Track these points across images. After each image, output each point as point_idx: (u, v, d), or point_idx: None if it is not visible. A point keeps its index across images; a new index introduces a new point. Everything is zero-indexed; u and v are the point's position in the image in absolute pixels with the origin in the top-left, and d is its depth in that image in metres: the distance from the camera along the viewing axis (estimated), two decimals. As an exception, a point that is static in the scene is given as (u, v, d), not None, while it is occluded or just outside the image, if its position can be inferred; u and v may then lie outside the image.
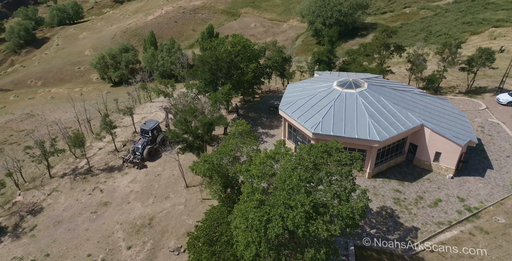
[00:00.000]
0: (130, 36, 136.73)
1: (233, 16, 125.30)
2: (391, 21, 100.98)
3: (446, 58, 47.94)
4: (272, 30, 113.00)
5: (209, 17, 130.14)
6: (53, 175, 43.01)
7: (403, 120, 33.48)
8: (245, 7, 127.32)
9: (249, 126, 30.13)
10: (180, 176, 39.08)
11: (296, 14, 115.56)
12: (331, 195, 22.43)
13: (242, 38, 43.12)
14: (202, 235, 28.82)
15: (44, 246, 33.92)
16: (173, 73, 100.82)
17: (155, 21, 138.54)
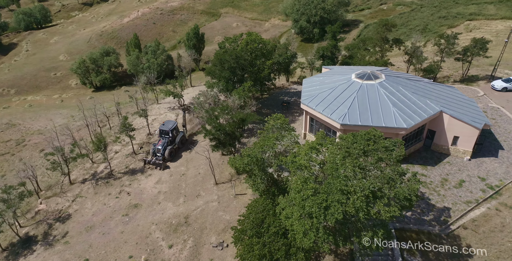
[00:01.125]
0: (107, 39, 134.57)
1: (213, 16, 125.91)
2: (370, 18, 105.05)
3: (444, 49, 51.09)
4: (255, 29, 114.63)
5: (188, 18, 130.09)
6: (73, 181, 42.64)
7: (424, 107, 35.90)
8: (225, 7, 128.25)
9: (287, 120, 31.52)
10: (207, 174, 39.91)
11: (277, 13, 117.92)
12: (386, 179, 24.16)
13: (258, 36, 44.44)
14: (248, 228, 29.90)
15: (80, 251, 33.97)
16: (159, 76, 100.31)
17: (132, 23, 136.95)
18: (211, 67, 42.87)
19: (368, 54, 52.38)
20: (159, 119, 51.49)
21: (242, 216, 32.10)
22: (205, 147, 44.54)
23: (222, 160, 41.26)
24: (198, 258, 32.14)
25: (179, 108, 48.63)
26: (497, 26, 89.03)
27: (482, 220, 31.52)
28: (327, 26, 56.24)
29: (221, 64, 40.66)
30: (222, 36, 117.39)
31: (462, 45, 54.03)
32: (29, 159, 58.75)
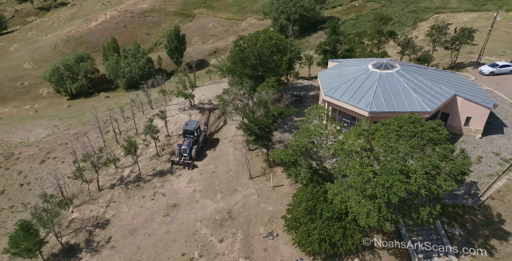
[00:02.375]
0: (76, 45, 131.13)
1: (187, 18, 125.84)
2: (345, 14, 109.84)
3: (436, 38, 55.41)
4: (232, 29, 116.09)
5: (161, 20, 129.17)
6: (101, 187, 42.57)
7: (440, 92, 39.40)
8: (198, 7, 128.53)
9: (329, 109, 33.69)
10: (238, 170, 41.34)
11: (252, 12, 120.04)
12: (441, 156, 26.98)
13: (275, 33, 46.25)
14: (300, 215, 31.87)
15: (130, 254, 34.48)
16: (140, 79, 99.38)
17: (102, 27, 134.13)
18: (231, 66, 44.16)
19: (368, 47, 55.70)
20: (173, 121, 52.03)
21: (290, 205, 34.03)
22: (228, 144, 45.90)
23: (250, 155, 42.80)
24: (251, 249, 33.65)
25: (207, 109, 49.62)
26: (462, 18, 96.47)
27: (506, 190, 35.35)
28: (328, 23, 58.67)
29: (243, 62, 42.13)
30: (199, 37, 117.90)
31: (452, 35, 58.60)
32: (30, 171, 57.50)
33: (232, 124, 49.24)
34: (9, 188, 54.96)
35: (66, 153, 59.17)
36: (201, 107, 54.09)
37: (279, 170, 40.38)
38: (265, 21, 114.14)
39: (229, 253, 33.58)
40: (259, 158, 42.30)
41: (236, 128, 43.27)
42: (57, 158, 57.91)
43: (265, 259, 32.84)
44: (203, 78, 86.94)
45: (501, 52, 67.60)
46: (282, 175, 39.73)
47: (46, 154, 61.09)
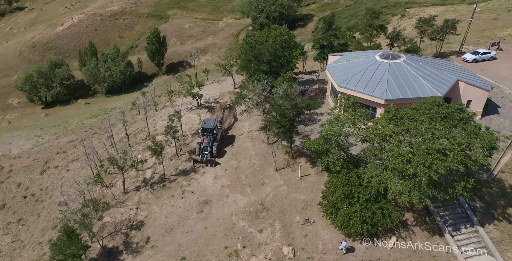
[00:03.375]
0: (43, 51, 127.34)
1: (162, 19, 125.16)
2: (320, 11, 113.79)
3: (424, 30, 59.49)
4: (210, 29, 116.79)
5: (134, 22, 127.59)
6: (126, 190, 42.73)
7: (445, 78, 42.90)
8: (172, 9, 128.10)
9: (357, 99, 36.07)
10: (262, 164, 42.94)
11: (228, 12, 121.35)
12: (472, 134, 29.99)
13: (285, 30, 48.04)
14: (338, 200, 34.11)
15: (173, 252, 35.29)
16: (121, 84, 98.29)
17: (70, 32, 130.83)
18: (245, 63, 45.47)
19: (363, 40, 58.86)
20: (183, 121, 52.57)
21: (324, 192, 36.13)
22: (246, 139, 47.33)
23: (271, 149, 44.44)
24: (292, 236, 35.43)
25: (222, 108, 50.60)
26: (431, 12, 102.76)
27: (512, 164, 39.28)
28: (325, 17, 61.08)
29: (257, 58, 43.64)
30: (177, 38, 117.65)
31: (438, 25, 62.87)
32: (31, 182, 56.38)
33: (245, 120, 50.70)
34: (10, 201, 53.64)
35: (67, 161, 58.35)
36: (208, 106, 55.03)
37: (302, 161, 42.35)
38: (242, 20, 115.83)
39: (271, 242, 35.15)
40: (279, 150, 44.05)
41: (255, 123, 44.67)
42: (59, 166, 56.96)
43: (307, 245, 34.71)
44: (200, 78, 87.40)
45: (476, 41, 73.16)
46: (307, 165, 41.71)
47: (44, 164, 59.86)
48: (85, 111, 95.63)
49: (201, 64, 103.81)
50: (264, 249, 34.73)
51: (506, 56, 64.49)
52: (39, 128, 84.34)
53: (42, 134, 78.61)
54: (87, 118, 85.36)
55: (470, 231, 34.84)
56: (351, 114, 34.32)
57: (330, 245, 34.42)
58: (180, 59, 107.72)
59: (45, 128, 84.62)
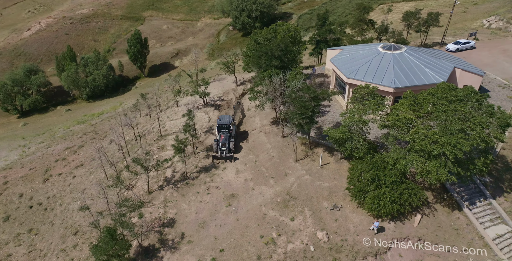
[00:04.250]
0: (12, 58, 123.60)
1: (137, 21, 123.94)
2: (297, 9, 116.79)
3: (411, 23, 63.29)
4: (189, 30, 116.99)
5: (108, 25, 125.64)
6: (150, 190, 43.13)
7: (444, 65, 46.33)
8: (147, 10, 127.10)
9: (376, 87, 38.48)
10: (281, 155, 44.66)
11: (205, 12, 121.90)
12: (488, 113, 33.09)
13: (292, 25, 49.77)
14: (365, 184, 36.43)
15: (210, 245, 36.40)
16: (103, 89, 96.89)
17: (38, 37, 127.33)
18: (256, 59, 46.83)
19: (356, 35, 61.88)
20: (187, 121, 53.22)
21: (349, 177, 38.37)
22: (259, 134, 48.85)
23: (287, 141, 46.24)
24: (323, 221, 37.39)
25: (233, 106, 51.71)
26: (403, 7, 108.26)
27: (511, 141, 43.07)
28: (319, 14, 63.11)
29: (268, 54, 45.24)
30: (156, 40, 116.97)
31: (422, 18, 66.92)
32: (34, 192, 55.48)
33: (255, 116, 52.19)
34: (14, 213, 52.63)
35: (71, 168, 57.60)
36: (214, 104, 56.01)
37: (320, 150, 44.40)
38: (221, 20, 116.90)
39: (304, 228, 36.93)
40: (295, 142, 45.84)
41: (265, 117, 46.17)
42: (63, 174, 56.30)
43: (339, 228, 36.77)
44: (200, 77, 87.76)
45: (453, 33, 78.20)
46: (325, 154, 43.78)
47: (44, 173, 58.97)
48: (68, 118, 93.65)
49: (184, 65, 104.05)
50: (299, 235, 36.45)
51: (483, 45, 69.62)
52: (21, 138, 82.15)
53: (26, 143, 76.75)
54: (74, 125, 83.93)
55: (484, 204, 38.14)
56: (372, 102, 36.64)
57: (361, 227, 36.64)
58: (162, 61, 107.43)
59: (28, 137, 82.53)
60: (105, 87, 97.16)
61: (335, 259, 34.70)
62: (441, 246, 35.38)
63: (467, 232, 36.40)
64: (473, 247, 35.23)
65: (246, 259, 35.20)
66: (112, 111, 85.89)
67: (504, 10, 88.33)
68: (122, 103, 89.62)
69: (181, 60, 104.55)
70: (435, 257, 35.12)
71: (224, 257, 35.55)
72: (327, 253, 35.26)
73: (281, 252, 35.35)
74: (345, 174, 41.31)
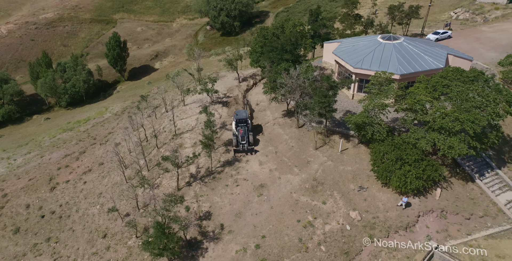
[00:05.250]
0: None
1: (108, 24, 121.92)
2: (273, 7, 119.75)
3: (395, 16, 67.90)
4: (164, 31, 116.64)
5: (77, 29, 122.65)
6: (179, 186, 44.13)
7: (439, 52, 50.73)
8: (117, 12, 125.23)
9: (392, 73, 41.80)
10: (300, 145, 47.15)
11: (179, 13, 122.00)
12: (497, 91, 37.25)
13: (298, 20, 52.15)
14: (389, 164, 39.64)
15: (251, 233, 38.28)
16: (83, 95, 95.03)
17: (1, 44, 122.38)
18: (268, 54, 48.82)
19: (345, 28, 65.55)
20: (201, 117, 54.42)
21: (372, 160, 41.49)
22: (274, 126, 51.02)
23: (303, 132, 48.77)
24: (353, 202, 40.28)
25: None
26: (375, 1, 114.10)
27: (506, 118, 47.92)
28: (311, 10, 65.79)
29: (279, 48, 47.48)
30: (132, 42, 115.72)
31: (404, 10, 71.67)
32: (43, 201, 54.93)
33: (265, 110, 54.30)
34: (24, 224, 52.00)
35: (78, 174, 57.19)
36: (221, 101, 57.46)
37: (336, 138, 47.29)
38: (196, 20, 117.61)
39: (337, 210, 39.63)
40: (311, 132, 48.46)
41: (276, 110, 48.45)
42: (71, 181, 55.99)
43: (369, 207, 39.79)
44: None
45: (427, 25, 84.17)
46: (342, 140, 46.66)
47: (48, 181, 58.40)
48: (49, 127, 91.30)
49: (165, 67, 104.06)
50: (333, 216, 39.08)
51: (458, 34, 75.70)
52: (2, 151, 79.59)
53: (10, 155, 74.88)
54: (60, 133, 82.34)
55: (492, 174, 42.57)
56: (391, 87, 39.92)
57: (389, 204, 39.84)
58: (142, 64, 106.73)
59: (10, 149, 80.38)
60: (85, 93, 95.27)
61: (370, 235, 37.61)
62: (461, 215, 39.26)
63: (482, 200, 40.56)
64: (489, 213, 39.39)
65: (288, 243, 37.34)
66: (99, 117, 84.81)
67: (468, 3, 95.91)
68: (108, 108, 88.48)
69: (161, 62, 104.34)
70: (457, 225, 38.95)
71: (267, 242, 37.49)
72: (362, 230, 38.12)
73: (320, 233, 37.81)
74: (365, 157, 44.44)
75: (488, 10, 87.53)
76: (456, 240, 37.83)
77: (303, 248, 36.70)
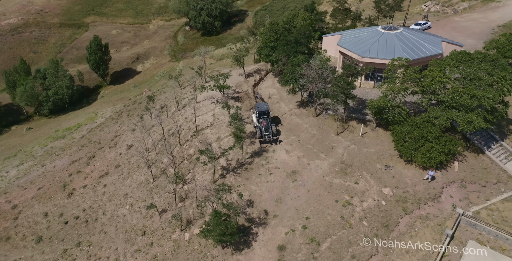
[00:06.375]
0: None
1: (80, 28, 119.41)
2: (250, 6, 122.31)
3: (382, 10, 72.97)
4: (142, 33, 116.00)
5: (45, 34, 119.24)
6: (215, 179, 45.93)
7: (435, 40, 55.81)
8: (88, 16, 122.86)
9: (408, 59, 45.87)
10: (321, 132, 50.40)
11: (154, 14, 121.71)
12: (504, 69, 42.26)
13: (308, 14, 55.06)
14: (413, 143, 43.66)
15: (295, 215, 41.19)
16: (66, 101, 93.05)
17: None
18: (283, 47, 51.45)
19: (338, 22, 69.75)
20: (217, 113, 56.30)
21: (394, 140, 45.42)
22: (291, 117, 53.89)
23: (320, 120, 52.05)
24: (383, 180, 44.01)
25: (255, 97, 55.53)
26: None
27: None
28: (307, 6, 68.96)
29: (295, 41, 50.44)
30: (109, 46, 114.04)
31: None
32: (63, 207, 55.08)
33: (279, 102, 57.00)
34: (47, 232, 52.22)
35: (94, 179, 57.31)
36: (233, 97, 59.54)
37: (354, 123, 50.92)
38: (174, 21, 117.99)
39: (371, 188, 43.18)
40: (328, 119, 51.84)
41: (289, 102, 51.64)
42: (88, 185, 56.32)
43: (398, 183, 43.64)
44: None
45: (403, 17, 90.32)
46: (359, 125, 50.36)
47: (63, 188, 58.38)
48: (34, 136, 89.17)
49: (149, 69, 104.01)
50: (368, 194, 42.59)
51: (435, 25, 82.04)
52: (4, 159, 77.58)
53: (0, 168, 73.12)
54: (51, 141, 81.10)
55: (497, 146, 47.76)
56: (410, 71, 43.98)
57: (416, 179, 43.91)
58: (123, 67, 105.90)
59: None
60: (69, 99, 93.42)
61: (404, 208, 41.42)
62: (478, 183, 44.03)
63: (493, 169, 45.57)
64: (501, 180, 44.43)
65: (332, 221, 40.39)
66: (91, 123, 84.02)
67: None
68: (98, 114, 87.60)
69: (143, 64, 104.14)
70: (476, 192, 43.62)
71: (312, 223, 40.35)
72: (396, 204, 41.87)
73: (359, 210, 41.17)
74: (384, 139, 48.36)
75: (456, 2, 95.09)
76: (477, 206, 42.37)
77: (347, 225, 39.86)
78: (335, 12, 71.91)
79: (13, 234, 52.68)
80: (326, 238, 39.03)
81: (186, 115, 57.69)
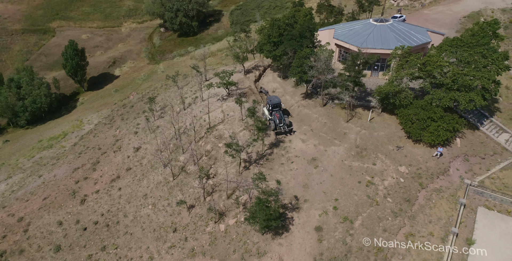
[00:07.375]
0: None
1: (46, 33, 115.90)
2: (223, 6, 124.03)
3: (363, 5, 78.00)
4: (114, 36, 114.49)
5: (8, 42, 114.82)
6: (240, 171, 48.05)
7: (422, 30, 61.08)
8: (53, 21, 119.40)
9: (411, 47, 50.21)
10: (332, 121, 53.88)
11: (124, 17, 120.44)
12: (495, 50, 47.66)
13: (307, 9, 58.05)
14: (420, 123, 48.21)
15: (324, 198, 44.44)
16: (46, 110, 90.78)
17: None
18: (289, 42, 54.24)
19: (328, 17, 73.87)
20: (226, 109, 58.28)
21: (402, 123, 49.76)
22: (298, 108, 56.98)
23: (328, 109, 55.57)
24: (397, 159, 48.17)
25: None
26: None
27: (483, 78, 59.80)
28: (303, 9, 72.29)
29: (299, 35, 53.50)
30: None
31: None
32: (77, 214, 55.24)
33: (284, 95, 59.88)
34: (64, 240, 52.24)
35: (106, 183, 57.54)
36: (238, 93, 61.70)
37: (360, 110, 54.85)
38: (147, 23, 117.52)
39: (388, 168, 47.16)
40: (335, 109, 55.46)
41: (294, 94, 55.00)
42: (100, 190, 56.58)
43: (411, 161, 47.97)
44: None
45: (379, 12, 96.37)
46: (366, 112, 54.37)
47: (72, 195, 58.39)
48: (14, 149, 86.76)
49: (127, 73, 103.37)
50: (387, 173, 46.53)
51: (409, 17, 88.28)
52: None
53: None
54: (38, 152, 79.69)
55: (488, 122, 53.47)
56: (414, 58, 48.38)
57: (426, 156, 48.43)
58: (100, 72, 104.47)
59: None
60: (48, 108, 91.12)
61: (420, 183, 45.73)
62: (478, 156, 49.26)
63: (488, 142, 51.06)
64: (497, 152, 49.92)
65: (359, 201, 43.89)
66: (78, 130, 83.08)
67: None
68: (83, 121, 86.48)
69: (121, 68, 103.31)
70: (478, 164, 48.78)
71: (342, 203, 43.63)
72: (412, 180, 46.08)
73: (382, 188, 44.98)
74: (391, 122, 52.63)
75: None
76: (481, 176, 47.46)
77: (374, 202, 43.50)
78: (320, 8, 75.96)
79: (27, 246, 51.87)
80: (357, 216, 42.41)
81: (194, 113, 59.13)
